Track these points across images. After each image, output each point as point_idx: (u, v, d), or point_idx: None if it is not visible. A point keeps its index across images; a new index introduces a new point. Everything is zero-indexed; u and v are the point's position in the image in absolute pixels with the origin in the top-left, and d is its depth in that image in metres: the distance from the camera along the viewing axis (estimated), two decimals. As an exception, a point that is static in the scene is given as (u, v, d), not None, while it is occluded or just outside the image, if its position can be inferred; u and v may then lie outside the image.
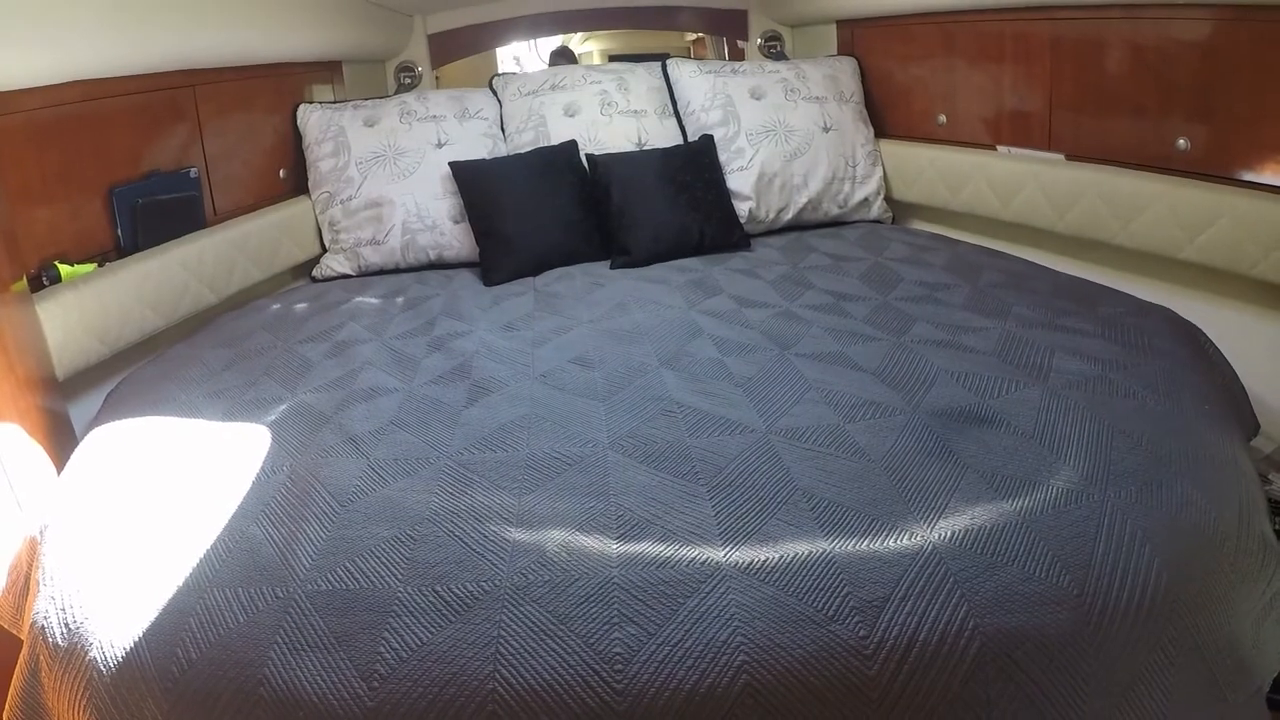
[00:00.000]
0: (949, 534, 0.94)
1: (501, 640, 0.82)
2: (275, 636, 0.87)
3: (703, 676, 0.79)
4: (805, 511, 0.99)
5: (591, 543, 0.95)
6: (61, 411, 1.53)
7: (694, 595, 0.86)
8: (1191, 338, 1.51)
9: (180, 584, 0.95)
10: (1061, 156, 2.09)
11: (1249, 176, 1.67)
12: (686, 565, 0.90)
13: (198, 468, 1.22)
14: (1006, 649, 0.83)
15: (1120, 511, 0.98)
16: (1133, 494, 1.01)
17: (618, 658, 0.80)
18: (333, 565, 0.94)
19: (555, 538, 0.96)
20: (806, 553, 0.91)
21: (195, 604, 0.92)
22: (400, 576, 0.92)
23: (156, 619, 0.92)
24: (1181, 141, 1.79)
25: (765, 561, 0.90)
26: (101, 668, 0.90)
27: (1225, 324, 1.62)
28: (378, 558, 0.95)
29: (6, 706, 1.05)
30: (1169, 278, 1.87)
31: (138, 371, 1.67)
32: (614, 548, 0.94)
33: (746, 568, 0.89)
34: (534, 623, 0.84)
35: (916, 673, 0.82)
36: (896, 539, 0.94)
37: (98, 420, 1.47)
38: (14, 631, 1.18)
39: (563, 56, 4.09)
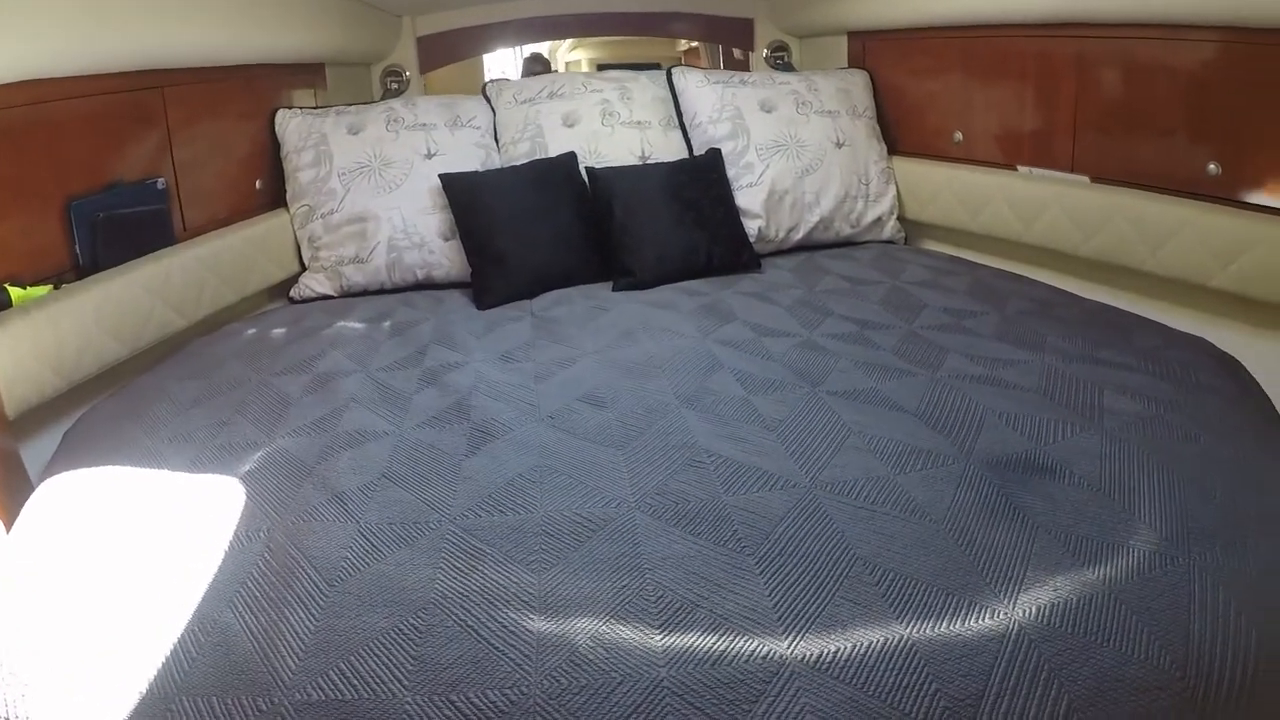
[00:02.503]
0: (1033, 610, 0.84)
1: (536, 773, 0.68)
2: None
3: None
4: (870, 587, 0.87)
5: (630, 634, 0.81)
6: (12, 452, 1.36)
7: (760, 700, 0.73)
8: (1233, 371, 1.47)
9: (141, 692, 0.80)
10: (1086, 179, 2.01)
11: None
12: (746, 661, 0.77)
13: (162, 534, 1.05)
14: None
15: (1209, 576, 0.90)
16: (1217, 556, 0.93)
17: (678, 798, 0.66)
18: (324, 667, 0.79)
19: (586, 628, 0.82)
20: (882, 641, 0.80)
21: (161, 715, 0.76)
22: (407, 683, 0.77)
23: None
24: (1212, 166, 1.72)
25: (837, 653, 0.78)
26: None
27: (1260, 356, 1.57)
28: (377, 657, 0.80)
29: None
30: (1199, 305, 1.81)
31: (97, 408, 1.51)
32: (658, 640, 0.80)
33: (815, 663, 0.77)
34: (573, 748, 0.70)
35: None
36: (978, 619, 0.83)
37: (53, 466, 1.32)
38: None
39: (538, 63, 3.94)
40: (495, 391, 1.44)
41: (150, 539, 1.04)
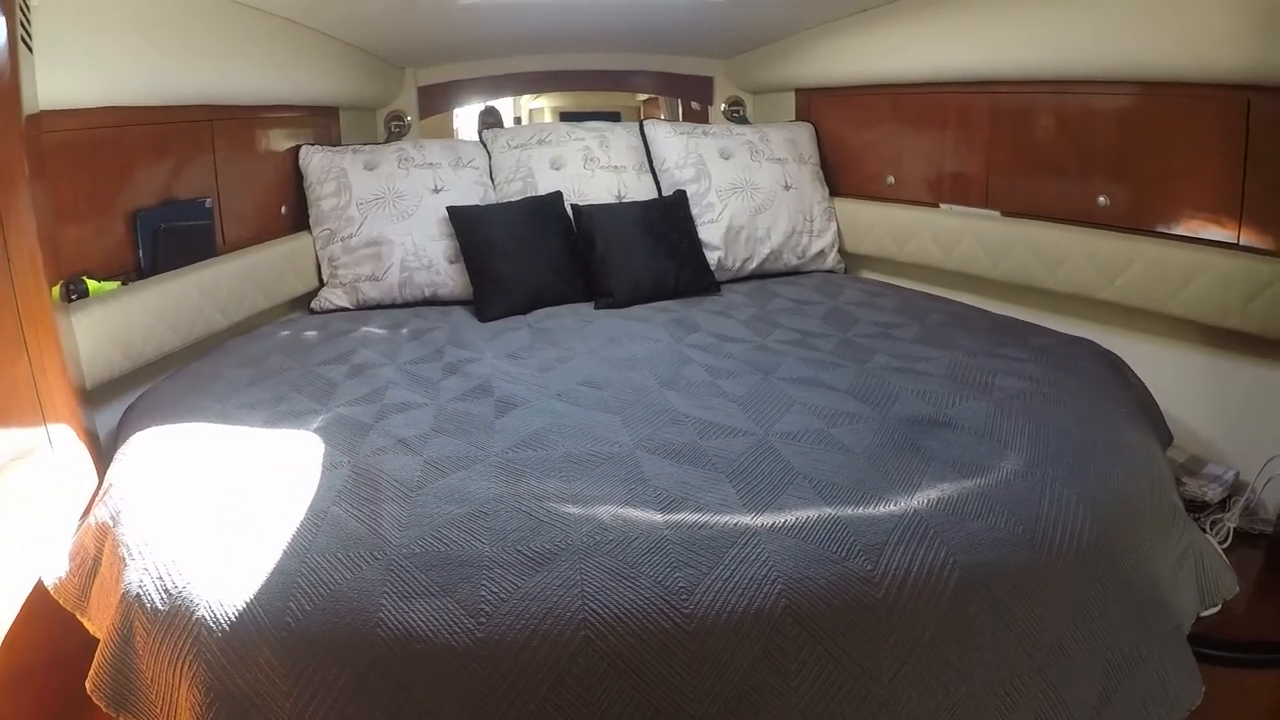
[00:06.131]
0: (924, 502, 1.17)
1: (586, 582, 1.00)
2: (384, 589, 1.01)
3: (751, 602, 0.98)
4: (808, 489, 1.21)
5: (639, 514, 1.13)
6: (90, 419, 1.61)
7: (734, 546, 1.06)
8: (1110, 362, 1.78)
9: (278, 551, 1.09)
10: (997, 213, 2.39)
11: (1158, 227, 1.97)
12: (723, 527, 1.10)
13: (255, 462, 1.35)
14: (980, 578, 1.06)
15: (1058, 482, 1.23)
16: (1067, 470, 1.26)
17: (683, 591, 0.99)
18: (420, 535, 1.10)
19: (607, 511, 1.14)
20: (817, 515, 1.13)
21: (299, 566, 1.06)
22: (483, 541, 1.08)
23: (264, 580, 1.04)
24: (1102, 199, 2.09)
25: (785, 523, 1.11)
26: (210, 624, 1.01)
27: (1141, 354, 1.90)
28: (459, 528, 1.11)
29: (91, 675, 1.14)
30: (1091, 316, 2.16)
31: (158, 387, 1.76)
32: (659, 517, 1.12)
33: (771, 528, 1.10)
34: (609, 569, 1.02)
35: (913, 596, 1.03)
36: (885, 506, 1.16)
37: (126, 429, 1.56)
38: (76, 613, 1.27)
39: (490, 115, 4.30)
40: (510, 378, 1.76)
41: (248, 467, 1.33)
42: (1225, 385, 1.92)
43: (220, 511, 1.20)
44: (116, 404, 1.75)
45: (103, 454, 1.56)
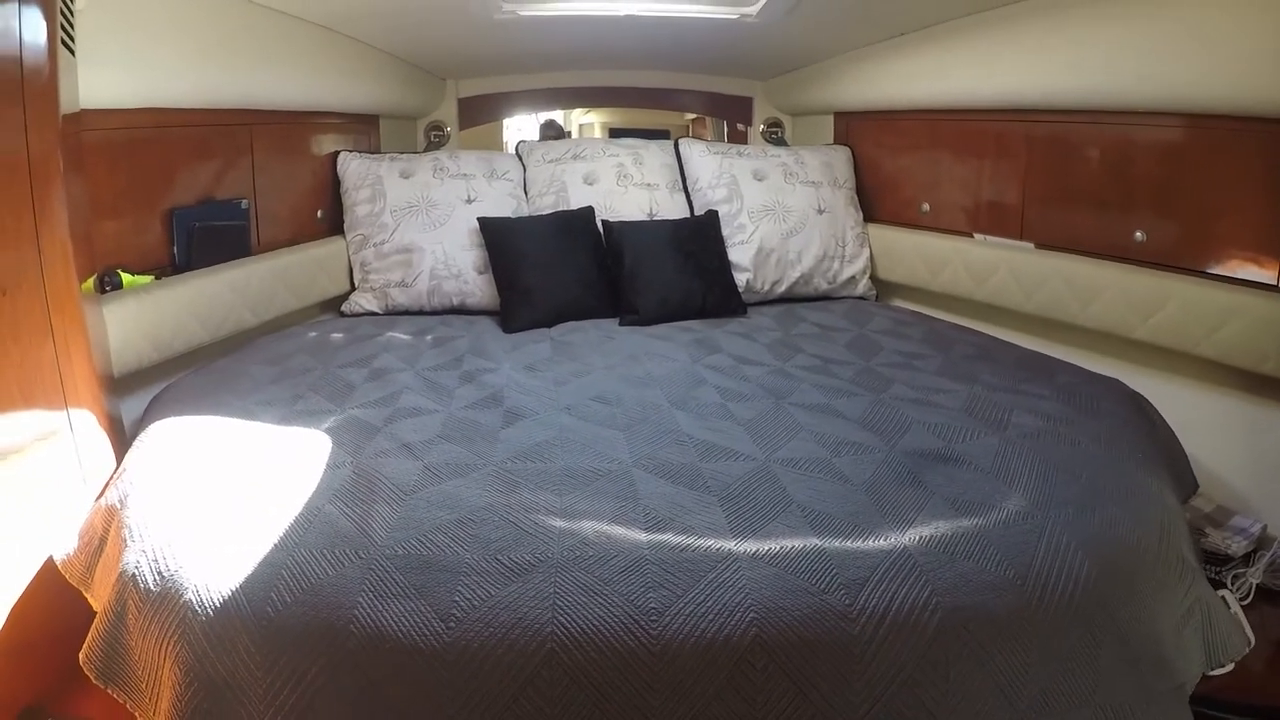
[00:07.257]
0: (917, 539, 1.15)
1: (558, 596, 1.00)
2: (362, 587, 1.03)
3: (721, 629, 0.97)
4: (799, 518, 1.19)
5: (624, 531, 1.13)
6: (115, 406, 1.67)
7: (712, 570, 1.05)
8: (1135, 403, 1.73)
9: (269, 543, 1.12)
10: (1031, 245, 2.34)
11: (1195, 265, 1.91)
12: (705, 550, 1.09)
13: (264, 457, 1.39)
14: (963, 621, 1.03)
15: (1059, 526, 1.19)
16: (1070, 515, 1.22)
17: (653, 612, 0.98)
18: (406, 538, 1.12)
19: (593, 526, 1.14)
20: (802, 546, 1.11)
21: (285, 559, 1.08)
22: (466, 548, 1.09)
23: (250, 570, 1.07)
24: (1139, 234, 2.03)
25: (769, 550, 1.10)
26: (196, 608, 1.05)
27: (1172, 397, 1.84)
28: (444, 534, 1.12)
29: (84, 647, 1.18)
30: (1123, 355, 2.10)
31: (184, 379, 1.81)
32: (643, 536, 1.12)
33: (754, 554, 1.09)
34: (583, 584, 1.02)
35: (890, 635, 1.01)
36: (874, 540, 1.14)
37: (149, 418, 1.61)
38: (81, 588, 1.32)
39: (551, 129, 4.37)
40: (523, 390, 1.77)
41: (256, 462, 1.37)
42: (1258, 433, 1.84)
43: (222, 501, 1.24)
44: (143, 393, 1.81)
45: (125, 440, 1.61)
